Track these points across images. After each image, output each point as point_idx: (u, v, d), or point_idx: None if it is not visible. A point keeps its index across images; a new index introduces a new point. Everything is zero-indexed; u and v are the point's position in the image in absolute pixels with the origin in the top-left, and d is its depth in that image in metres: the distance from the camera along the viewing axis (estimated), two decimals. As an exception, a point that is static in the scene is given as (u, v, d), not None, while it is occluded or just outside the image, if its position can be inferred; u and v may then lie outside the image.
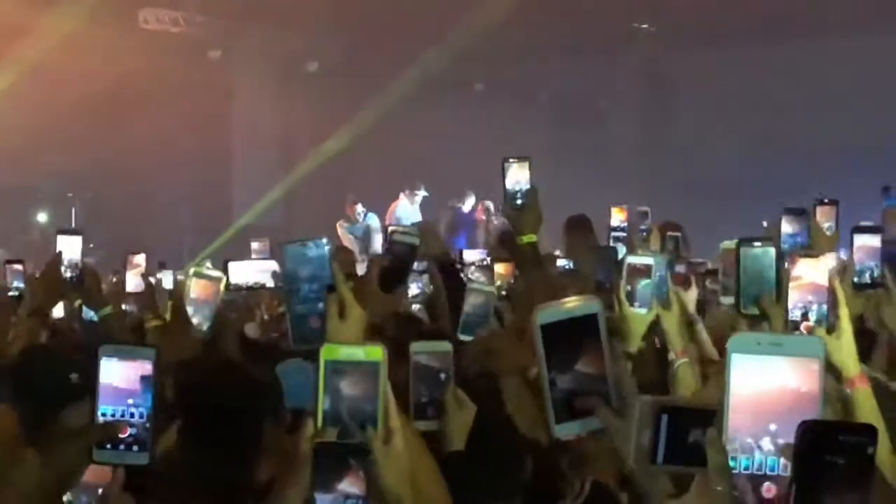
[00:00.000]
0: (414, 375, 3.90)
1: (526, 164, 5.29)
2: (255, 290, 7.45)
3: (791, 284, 3.58)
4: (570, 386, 2.35)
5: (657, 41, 22.59)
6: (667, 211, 9.93)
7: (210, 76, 22.16)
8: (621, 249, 7.11)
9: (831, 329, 3.51)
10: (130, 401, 2.70)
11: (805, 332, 3.51)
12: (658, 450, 2.30)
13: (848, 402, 3.55)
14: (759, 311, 3.81)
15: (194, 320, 5.03)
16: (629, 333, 4.60)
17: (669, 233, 8.16)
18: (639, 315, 4.65)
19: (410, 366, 3.85)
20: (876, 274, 4.45)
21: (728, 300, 4.75)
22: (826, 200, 5.37)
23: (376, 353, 2.49)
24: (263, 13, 21.29)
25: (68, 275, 5.54)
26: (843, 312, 3.50)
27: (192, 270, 5.37)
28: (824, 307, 3.54)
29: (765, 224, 6.82)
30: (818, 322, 3.54)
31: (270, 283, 7.56)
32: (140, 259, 6.49)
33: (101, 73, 20.29)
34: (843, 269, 4.44)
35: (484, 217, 18.95)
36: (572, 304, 2.36)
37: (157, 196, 21.66)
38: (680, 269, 5.66)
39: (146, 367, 2.71)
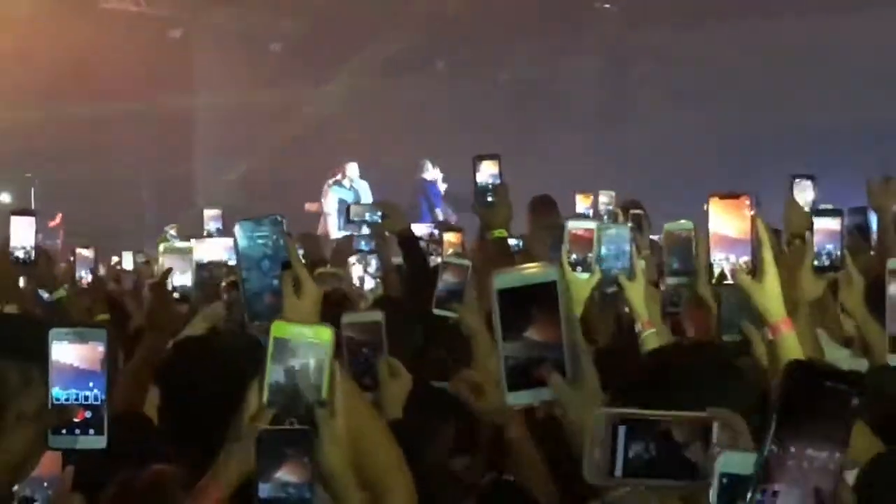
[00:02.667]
0: (346, 348, 3.91)
1: (496, 162, 5.35)
2: (219, 266, 7.44)
3: (711, 233, 3.54)
4: (525, 353, 2.33)
5: (620, 21, 22.59)
6: (629, 190, 9.97)
7: (171, 56, 22.05)
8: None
9: (754, 272, 3.47)
10: (84, 384, 2.67)
11: (730, 276, 3.48)
12: (616, 462, 2.23)
13: (773, 349, 3.49)
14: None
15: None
16: (571, 299, 4.66)
17: (632, 211, 8.23)
18: (580, 280, 4.72)
19: (343, 339, 3.85)
20: (835, 257, 4.45)
21: (673, 280, 4.79)
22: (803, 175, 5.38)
23: (324, 334, 2.48)
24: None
25: (20, 256, 5.50)
26: (767, 255, 3.45)
27: (161, 247, 5.35)
28: (746, 254, 3.50)
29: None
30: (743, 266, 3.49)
31: (233, 261, 7.55)
32: (88, 253, 6.45)
33: (60, 51, 20.16)
34: (803, 252, 4.44)
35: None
36: (531, 270, 2.35)
37: (118, 176, 21.54)
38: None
39: (98, 349, 2.69)
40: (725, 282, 3.49)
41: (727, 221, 3.49)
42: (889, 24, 19.20)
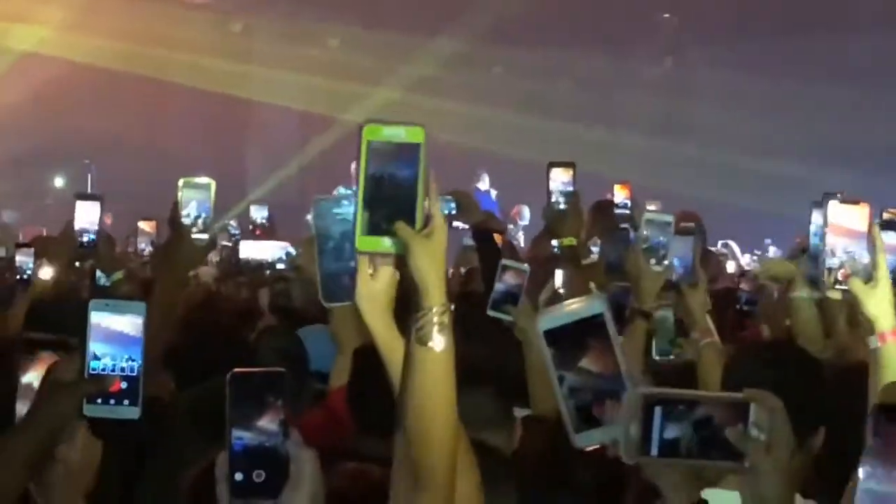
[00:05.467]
0: None
1: (570, 170, 5.31)
2: (261, 267, 7.47)
3: (828, 231, 3.52)
4: (585, 391, 2.29)
5: (679, 30, 22.52)
6: (683, 201, 9.94)
7: (231, 48, 22.14)
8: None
9: (868, 279, 3.44)
10: (121, 355, 2.70)
11: (843, 279, 3.45)
12: (651, 442, 2.22)
13: (878, 357, 3.41)
14: None
15: None
16: (643, 291, 4.68)
17: (683, 223, 8.16)
18: (654, 272, 4.72)
19: None
20: None
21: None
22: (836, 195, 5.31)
23: (417, 133, 2.39)
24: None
25: (84, 239, 5.54)
26: (882, 262, 3.42)
27: (181, 181, 5.33)
28: (865, 255, 3.47)
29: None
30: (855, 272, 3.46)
31: (281, 265, 7.57)
32: (149, 227, 6.48)
33: (121, 41, 20.29)
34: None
35: (519, 220, 18.93)
36: (575, 305, 2.31)
37: (173, 166, 21.65)
38: None
39: (137, 322, 2.70)
40: (839, 286, 3.46)
41: (848, 217, 3.48)
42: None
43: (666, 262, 4.79)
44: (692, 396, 2.22)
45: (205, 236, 4.75)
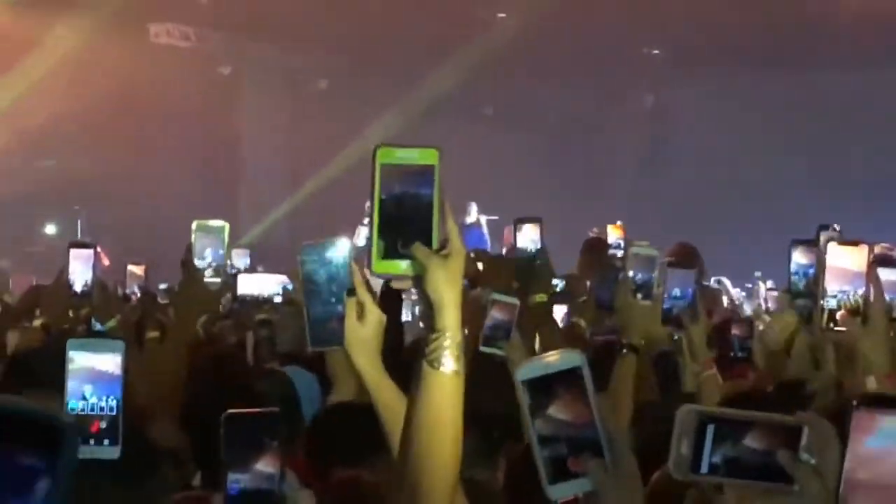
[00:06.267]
0: None
1: (538, 225, 5.30)
2: (256, 302, 7.47)
3: (826, 272, 3.54)
4: (560, 443, 2.27)
5: (663, 67, 22.62)
6: (671, 236, 9.96)
7: (220, 91, 22.20)
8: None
9: (865, 319, 3.46)
10: (100, 394, 2.68)
11: (842, 321, 3.47)
12: (702, 459, 2.23)
13: None
14: None
15: None
16: (632, 326, 4.68)
17: (669, 259, 8.20)
18: (642, 306, 4.72)
19: None
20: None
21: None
22: (830, 227, 5.36)
23: (431, 155, 2.42)
24: (274, 29, 21.32)
25: (78, 289, 5.56)
26: (877, 304, 3.44)
27: (194, 224, 5.32)
28: (859, 293, 3.49)
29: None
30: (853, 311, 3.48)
31: (279, 298, 7.58)
32: (139, 270, 6.51)
33: (110, 86, 20.33)
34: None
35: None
36: (554, 357, 2.28)
37: (163, 211, 21.68)
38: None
39: (116, 360, 2.69)
40: (837, 328, 3.49)
41: (846, 258, 3.51)
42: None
43: (657, 293, 4.81)
44: (746, 417, 2.24)
45: (217, 280, 4.77)
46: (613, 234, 7.99)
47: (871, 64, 19.73)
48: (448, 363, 2.41)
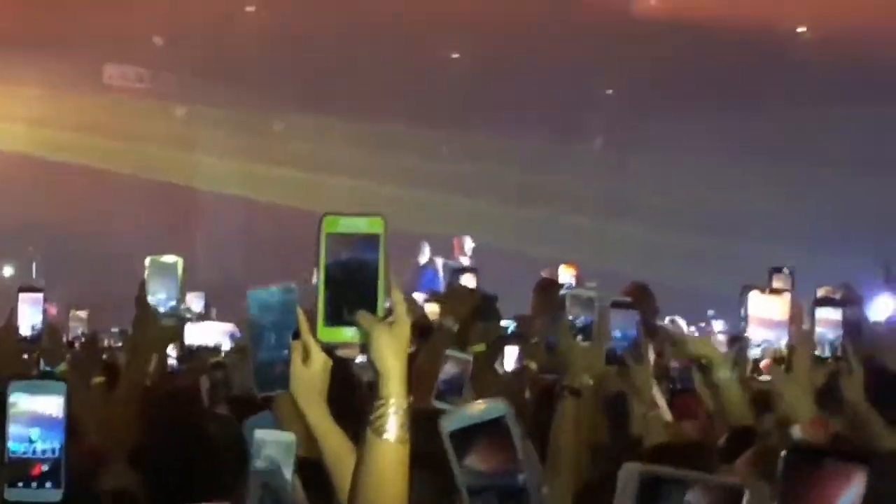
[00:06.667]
0: None
1: (475, 275, 5.34)
2: (207, 351, 7.46)
3: (749, 321, 3.55)
4: (487, 493, 2.29)
5: (619, 107, 22.72)
6: (625, 278, 10.00)
7: (175, 133, 22.13)
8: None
9: (789, 367, 3.47)
10: (42, 437, 2.66)
11: (765, 370, 3.48)
12: None
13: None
14: None
15: None
16: (572, 367, 4.63)
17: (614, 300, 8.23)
18: (582, 348, 4.69)
19: None
20: (836, 346, 4.47)
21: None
22: (783, 269, 5.42)
23: (377, 224, 2.44)
24: (229, 70, 21.30)
25: (27, 333, 5.52)
26: (799, 353, 3.46)
27: (147, 260, 5.29)
28: (783, 343, 3.50)
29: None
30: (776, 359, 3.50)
31: (227, 346, 7.58)
32: (82, 314, 6.49)
33: (65, 127, 20.26)
34: (806, 339, 4.45)
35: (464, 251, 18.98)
36: (478, 408, 2.32)
37: (119, 251, 21.57)
38: None
39: (58, 402, 2.67)
40: (761, 377, 3.51)
41: (769, 307, 3.53)
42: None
43: (597, 334, 4.81)
44: (688, 477, 2.23)
45: (171, 320, 4.75)
46: (566, 274, 8.02)
47: (827, 100, 19.87)
48: (392, 431, 2.41)
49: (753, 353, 3.55)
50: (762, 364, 3.52)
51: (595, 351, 4.69)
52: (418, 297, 9.36)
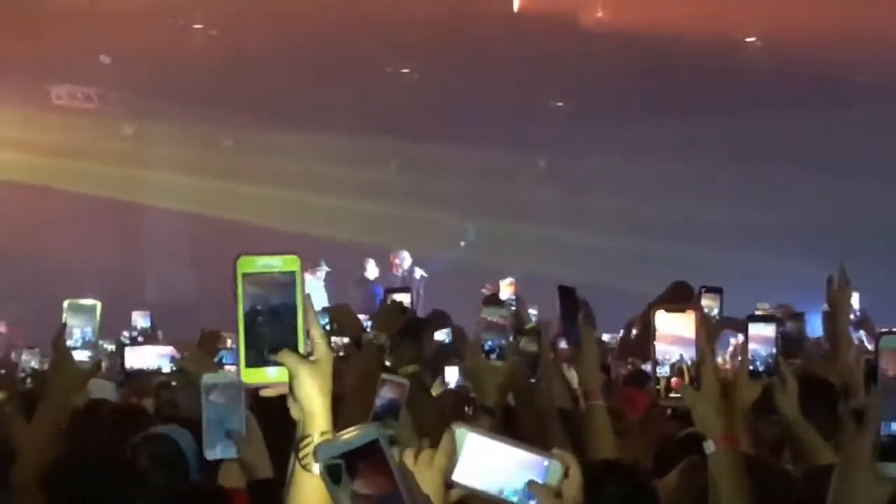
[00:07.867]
0: None
1: (408, 295, 5.36)
2: (147, 375, 7.41)
3: (657, 340, 3.55)
4: None
5: (569, 119, 22.81)
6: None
7: (123, 152, 22.03)
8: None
9: (698, 384, 3.48)
10: None
11: (675, 388, 3.48)
12: None
13: (712, 464, 3.47)
14: None
15: None
16: (484, 387, 4.66)
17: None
18: (493, 367, 4.70)
19: None
20: (770, 362, 4.47)
21: None
22: (711, 288, 5.54)
23: (292, 262, 2.43)
24: (177, 88, 21.23)
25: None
26: (707, 369, 3.47)
27: (66, 303, 5.28)
28: (690, 359, 3.51)
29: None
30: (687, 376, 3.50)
31: (167, 368, 7.52)
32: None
33: (12, 148, 20.16)
34: (737, 355, 4.47)
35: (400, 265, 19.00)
36: (350, 435, 2.33)
37: (67, 273, 21.44)
38: None
39: None
40: (671, 394, 3.50)
41: (675, 325, 3.52)
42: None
43: (512, 353, 4.82)
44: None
45: (87, 358, 4.75)
46: (506, 291, 8.06)
47: (775, 107, 20.00)
48: (318, 466, 2.41)
49: (662, 371, 3.53)
50: (673, 381, 3.51)
51: (505, 370, 4.70)
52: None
